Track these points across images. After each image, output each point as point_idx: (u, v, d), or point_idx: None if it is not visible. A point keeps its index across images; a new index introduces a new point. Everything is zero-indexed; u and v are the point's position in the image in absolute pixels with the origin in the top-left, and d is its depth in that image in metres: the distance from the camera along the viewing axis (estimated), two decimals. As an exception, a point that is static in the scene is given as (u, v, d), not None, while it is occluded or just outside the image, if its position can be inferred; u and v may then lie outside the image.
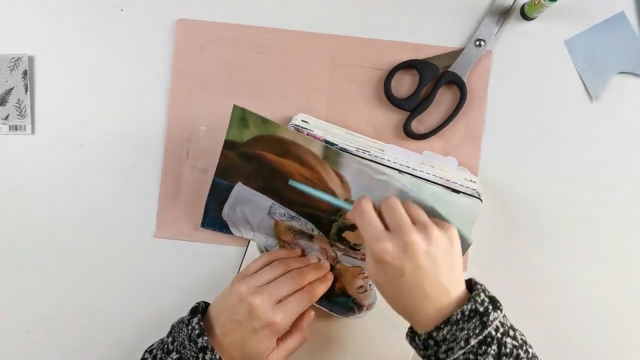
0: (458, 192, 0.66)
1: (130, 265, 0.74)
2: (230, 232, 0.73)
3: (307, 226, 0.70)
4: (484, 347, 0.55)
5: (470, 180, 0.69)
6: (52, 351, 0.75)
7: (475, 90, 0.73)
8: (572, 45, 0.73)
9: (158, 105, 0.74)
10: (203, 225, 0.73)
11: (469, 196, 0.66)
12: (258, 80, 0.73)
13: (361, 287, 0.72)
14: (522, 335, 0.58)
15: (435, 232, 0.57)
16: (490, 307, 0.56)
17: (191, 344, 0.60)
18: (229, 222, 0.72)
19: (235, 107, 0.65)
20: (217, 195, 0.71)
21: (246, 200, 0.70)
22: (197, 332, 0.61)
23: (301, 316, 0.66)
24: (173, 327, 0.64)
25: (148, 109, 0.74)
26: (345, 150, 0.67)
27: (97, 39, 0.74)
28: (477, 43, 0.72)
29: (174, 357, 0.60)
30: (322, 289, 0.67)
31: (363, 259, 0.70)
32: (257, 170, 0.68)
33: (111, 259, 0.74)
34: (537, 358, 0.57)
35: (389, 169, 0.66)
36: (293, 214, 0.69)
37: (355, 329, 0.73)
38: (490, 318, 0.55)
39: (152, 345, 0.65)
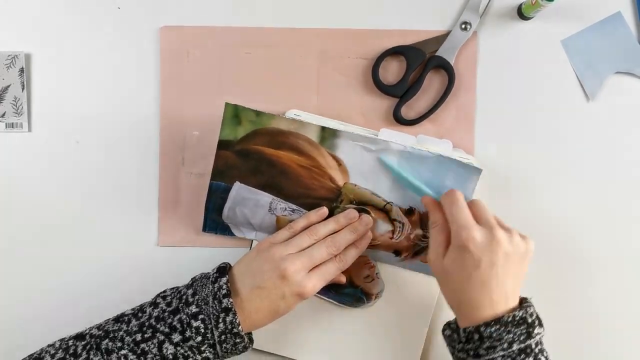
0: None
1: (135, 274, 0.74)
2: (232, 234, 0.72)
3: (309, 218, 0.70)
4: (522, 356, 0.57)
5: (466, 159, 0.69)
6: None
7: (464, 74, 0.73)
8: (569, 45, 0.74)
9: (150, 114, 0.74)
10: (204, 229, 0.73)
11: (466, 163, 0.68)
12: (247, 80, 0.73)
13: (368, 276, 0.72)
14: None
15: (518, 239, 0.61)
16: (537, 322, 0.59)
17: (215, 301, 0.60)
18: (230, 224, 0.72)
19: (227, 104, 0.66)
20: (216, 199, 0.71)
21: (245, 199, 0.70)
22: (224, 292, 0.61)
23: None
24: (195, 280, 0.64)
25: (142, 110, 0.74)
26: None
27: (94, 38, 0.74)
28: (463, 26, 0.72)
29: (193, 310, 0.60)
30: (353, 254, 0.67)
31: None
32: (255, 167, 0.69)
33: (115, 268, 0.74)
34: None
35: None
36: (294, 206, 0.70)
37: (365, 318, 0.72)
38: (535, 331, 0.58)
39: (164, 292, 0.64)
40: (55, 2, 0.74)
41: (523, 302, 0.61)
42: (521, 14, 0.73)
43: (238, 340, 0.61)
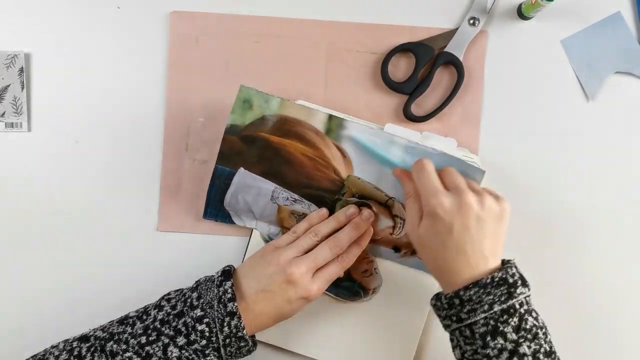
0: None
1: (134, 259, 0.74)
2: (232, 222, 0.72)
3: (311, 209, 0.70)
4: (505, 317, 0.57)
5: (470, 158, 0.69)
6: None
7: (472, 70, 0.73)
8: (568, 45, 0.73)
9: (155, 100, 0.74)
10: (205, 215, 0.73)
11: (468, 160, 0.68)
12: (254, 70, 0.73)
13: (366, 271, 0.72)
14: (544, 322, 0.59)
15: (490, 201, 0.61)
16: (520, 282, 0.58)
17: (220, 305, 0.61)
18: (231, 211, 0.72)
19: (242, 87, 0.67)
20: (219, 184, 0.71)
21: (248, 186, 0.70)
22: (229, 296, 0.61)
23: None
24: (199, 283, 0.64)
25: (145, 104, 0.74)
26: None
27: (94, 36, 0.74)
28: (471, 22, 0.72)
29: (198, 313, 0.60)
30: (355, 252, 0.67)
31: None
32: (260, 154, 0.69)
33: (114, 253, 0.74)
34: (553, 346, 0.59)
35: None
36: (296, 196, 0.70)
37: (361, 312, 0.73)
38: (518, 291, 0.58)
39: (169, 294, 0.64)
40: (54, 1, 0.74)
41: (505, 264, 0.60)
42: (521, 13, 0.73)
43: (242, 344, 0.61)
